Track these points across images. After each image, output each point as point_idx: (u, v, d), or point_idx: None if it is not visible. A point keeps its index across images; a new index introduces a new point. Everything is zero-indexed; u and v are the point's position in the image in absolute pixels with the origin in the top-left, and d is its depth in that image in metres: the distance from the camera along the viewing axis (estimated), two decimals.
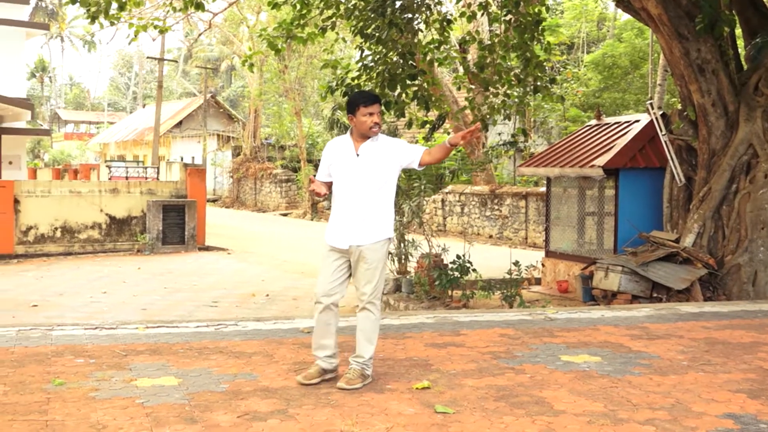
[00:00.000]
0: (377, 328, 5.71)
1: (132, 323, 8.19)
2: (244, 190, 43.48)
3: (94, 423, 4.71)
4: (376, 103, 5.72)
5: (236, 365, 6.16)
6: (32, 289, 15.32)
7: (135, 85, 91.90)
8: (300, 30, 13.20)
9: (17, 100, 27.73)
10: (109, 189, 21.48)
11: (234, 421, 4.76)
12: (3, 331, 7.46)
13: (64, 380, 5.64)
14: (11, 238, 19.53)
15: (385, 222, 5.70)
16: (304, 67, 35.37)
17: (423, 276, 12.32)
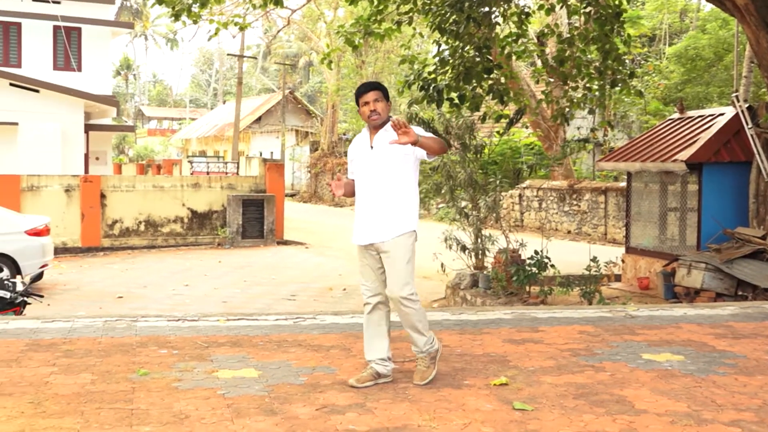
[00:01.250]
0: (423, 318, 5.50)
1: (213, 315, 8.34)
2: (322, 184, 43.82)
3: (176, 413, 4.81)
4: (370, 90, 5.54)
5: (315, 358, 6.21)
6: (118, 281, 15.73)
7: (215, 82, 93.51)
8: (377, 26, 13.22)
9: (103, 98, 28.50)
10: (190, 184, 21.91)
11: (312, 414, 4.80)
12: (90, 322, 7.68)
13: (149, 370, 5.77)
14: (98, 231, 20.10)
15: (405, 214, 5.46)
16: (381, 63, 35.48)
17: (500, 271, 12.22)
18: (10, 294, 8.41)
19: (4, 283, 8.60)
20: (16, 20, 28.45)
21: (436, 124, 13.71)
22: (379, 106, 5.47)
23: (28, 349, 6.44)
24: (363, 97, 5.51)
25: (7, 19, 28.30)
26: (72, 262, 18.31)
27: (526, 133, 29.87)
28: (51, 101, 26.13)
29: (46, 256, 14.63)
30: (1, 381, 5.45)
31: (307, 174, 46.23)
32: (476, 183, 12.99)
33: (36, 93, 26.03)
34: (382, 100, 5.50)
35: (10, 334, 7.04)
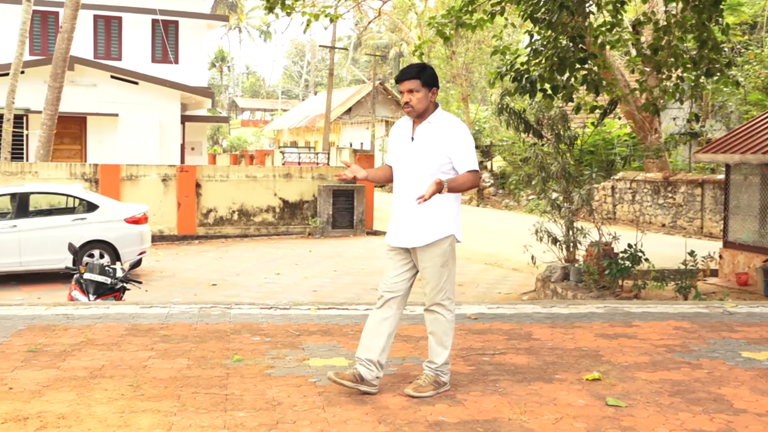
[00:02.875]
0: (450, 331, 5.09)
1: (304, 304, 8.44)
2: None
3: (269, 399, 4.89)
4: (405, 79, 5.00)
5: (404, 349, 6.22)
6: (212, 268, 16.07)
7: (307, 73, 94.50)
8: (468, 16, 13.12)
9: (199, 89, 29.14)
10: (282, 174, 22.20)
11: (402, 404, 4.81)
12: (186, 308, 7.87)
13: (242, 357, 5.88)
14: (194, 220, 20.57)
15: (443, 218, 5.01)
16: (472, 53, 35.23)
17: (592, 265, 12.01)
18: (111, 280, 8.68)
19: (105, 269, 8.87)
20: (116, 14, 29.31)
21: (528, 115, 13.54)
22: (413, 97, 4.98)
23: (128, 333, 6.64)
24: (399, 85, 5.06)
25: (109, 14, 29.17)
26: (168, 250, 18.79)
27: (619, 123, 29.28)
28: (149, 93, 26.85)
29: (144, 244, 15.06)
30: (103, 364, 5.64)
31: None
32: (569, 174, 12.78)
33: (135, 85, 26.78)
34: (420, 89, 4.97)
35: (111, 318, 7.27)
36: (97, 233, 14.50)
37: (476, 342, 6.49)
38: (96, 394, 4.92)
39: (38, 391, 4.99)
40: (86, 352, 5.99)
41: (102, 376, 5.33)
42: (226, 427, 4.37)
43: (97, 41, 29.25)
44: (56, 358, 5.77)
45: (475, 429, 4.40)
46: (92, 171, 19.73)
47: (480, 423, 4.50)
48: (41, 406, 4.69)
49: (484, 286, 14.01)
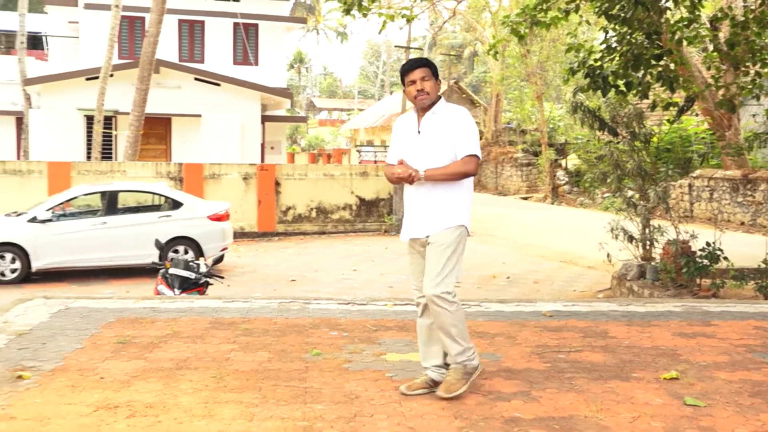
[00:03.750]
0: (457, 320, 4.79)
1: (381, 300, 8.46)
2: (485, 173, 43.58)
3: (347, 393, 4.92)
4: (417, 68, 4.89)
5: (480, 345, 6.18)
6: (291, 264, 16.24)
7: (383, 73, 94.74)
8: (543, 15, 12.94)
9: (279, 90, 29.48)
10: (359, 172, 22.29)
11: (478, 400, 4.79)
12: (266, 303, 7.97)
13: (320, 351, 5.93)
14: (273, 217, 20.83)
15: (453, 208, 4.86)
16: (547, 51, 34.78)
17: (669, 263, 11.74)
18: (195, 275, 8.84)
19: (189, 264, 9.04)
20: (200, 19, 29.86)
21: (602, 112, 13.31)
22: (427, 85, 4.85)
23: (211, 326, 6.76)
24: (409, 75, 4.90)
25: (192, 18, 29.74)
26: (249, 246, 19.06)
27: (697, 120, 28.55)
28: (231, 94, 27.28)
29: (226, 240, 15.32)
30: (188, 356, 5.75)
31: None
32: (645, 172, 12.51)
33: (217, 86, 27.24)
34: (431, 78, 4.87)
35: (195, 312, 7.41)
36: (182, 230, 14.81)
37: (551, 339, 6.42)
38: (181, 385, 5.03)
39: (127, 381, 5.12)
40: (172, 344, 6.12)
41: (187, 368, 5.43)
42: (305, 419, 4.41)
43: (182, 45, 29.85)
44: (144, 350, 5.91)
45: (551, 426, 4.35)
46: (177, 170, 20.15)
47: (556, 420, 4.45)
48: (130, 395, 4.81)
49: (559, 284, 13.84)
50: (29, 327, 6.67)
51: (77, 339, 6.25)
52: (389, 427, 4.31)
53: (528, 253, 17.85)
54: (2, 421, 4.34)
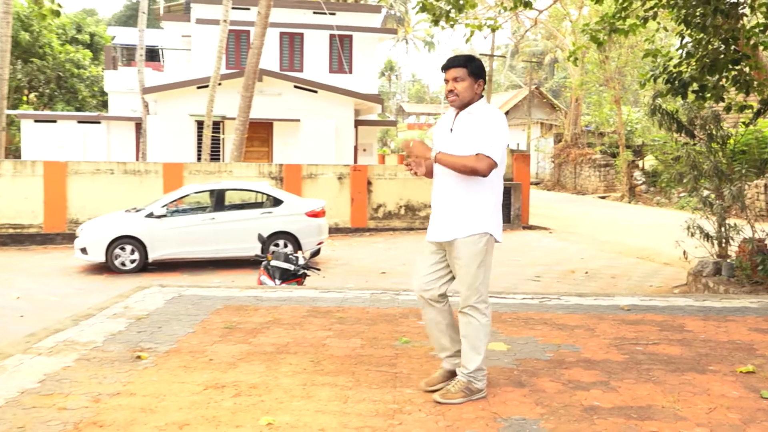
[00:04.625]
0: (483, 335, 4.46)
1: None
2: (565, 173, 42.88)
3: None
4: (451, 68, 4.46)
5: (560, 336, 6.09)
6: (381, 258, 16.30)
7: None
8: (621, 22, 12.64)
9: (371, 96, 29.61)
10: None
11: (558, 388, 4.71)
12: (359, 294, 8.01)
13: (409, 339, 5.93)
14: (365, 214, 20.95)
15: (479, 213, 4.40)
16: (625, 57, 33.98)
17: (745, 260, 11.31)
18: (294, 267, 8.96)
19: (289, 257, 9.17)
20: (299, 31, 30.23)
21: (680, 115, 12.93)
22: (459, 85, 4.42)
23: (309, 314, 6.84)
24: (445, 74, 4.50)
25: (292, 31, 30.13)
26: (342, 241, 19.22)
27: None
28: (327, 100, 27.54)
29: (322, 235, 15.48)
30: (288, 341, 5.83)
31: (551, 164, 45.41)
32: (721, 172, 12.09)
33: (315, 93, 27.53)
34: (466, 78, 4.42)
35: (294, 301, 7.51)
36: (282, 225, 15.03)
37: (629, 332, 6.27)
38: (282, 368, 5.10)
39: (233, 363, 5.22)
40: (273, 330, 6.21)
41: (287, 352, 5.51)
42: (395, 402, 4.42)
43: (282, 55, 30.29)
44: (248, 335, 6.02)
45: (629, 415, 4.24)
46: (278, 170, 20.46)
47: (634, 409, 4.34)
48: (236, 376, 4.91)
49: (636, 279, 13.50)
50: (147, 312, 6.88)
51: (189, 324, 6.42)
52: (474, 411, 4.28)
53: (605, 250, 17.47)
54: (124, 397, 4.48)
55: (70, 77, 33.60)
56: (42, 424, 4.02)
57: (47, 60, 32.94)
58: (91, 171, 19.14)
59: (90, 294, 11.73)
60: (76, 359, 5.26)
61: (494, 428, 4.02)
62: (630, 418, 4.19)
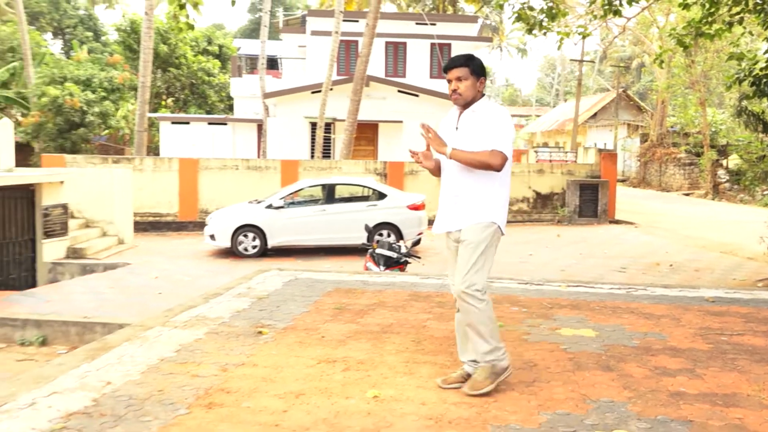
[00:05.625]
0: (486, 320, 4.11)
1: (555, 281, 8.25)
2: (650, 172, 41.43)
3: (527, 360, 4.82)
4: (453, 67, 4.19)
5: (646, 325, 5.89)
6: None
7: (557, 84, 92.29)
8: (708, 27, 12.09)
9: None
10: (535, 170, 21.85)
11: (645, 374, 4.55)
12: None
13: (503, 323, 5.85)
14: None
15: (485, 204, 4.13)
16: (710, 61, 32.51)
17: None
18: (397, 255, 8.99)
19: (392, 246, 9.21)
20: (402, 40, 30.28)
21: (765, 116, 12.28)
22: (461, 85, 4.17)
23: (410, 298, 6.85)
24: (447, 74, 4.24)
25: (396, 40, 30.21)
26: None
27: None
28: (427, 104, 27.49)
29: (422, 226, 15.47)
30: (391, 322, 5.85)
31: (637, 162, 43.94)
32: None
33: (416, 97, 27.53)
34: (468, 77, 4.17)
35: (397, 286, 7.53)
36: (386, 217, 15.11)
37: (714, 323, 6.00)
38: (386, 346, 5.12)
39: (343, 340, 5.28)
40: (378, 311, 6.25)
41: (391, 332, 5.53)
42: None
43: (387, 62, 30.41)
44: (356, 315, 6.08)
45: (714, 402, 4.06)
46: (382, 167, 20.57)
47: (719, 396, 4.15)
48: (345, 352, 4.96)
49: (719, 273, 12.92)
50: (267, 293, 7.04)
51: (304, 304, 6.53)
52: (564, 392, 4.19)
53: (689, 244, 16.78)
54: (248, 367, 4.60)
55: (202, 84, 34.72)
56: (178, 389, 4.17)
57: (182, 69, 34.12)
58: (219, 167, 19.74)
59: (217, 275, 12.10)
60: (206, 332, 5.43)
61: (584, 409, 3.92)
62: (715, 404, 4.01)
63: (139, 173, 19.10)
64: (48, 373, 4.43)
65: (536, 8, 12.45)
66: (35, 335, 7.27)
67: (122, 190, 16.13)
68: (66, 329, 7.28)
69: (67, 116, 27.87)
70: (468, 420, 3.76)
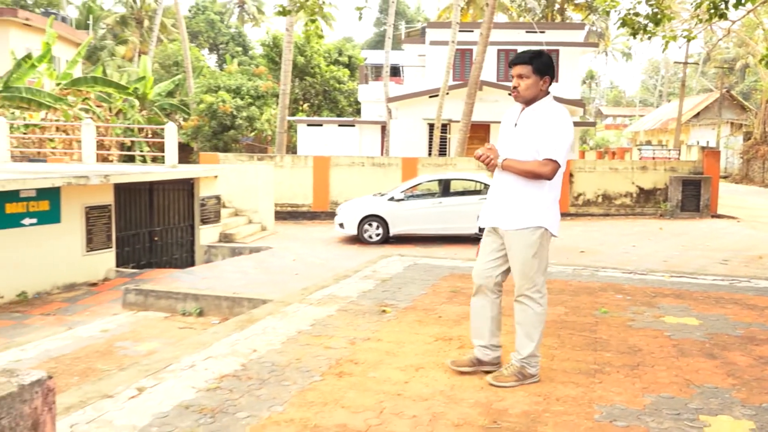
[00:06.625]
0: (538, 323, 3.84)
1: (658, 272, 7.87)
2: (753, 168, 38.73)
3: (631, 345, 4.62)
4: (516, 64, 3.79)
5: (750, 315, 5.50)
6: (580, 239, 15.65)
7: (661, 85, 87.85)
8: None
9: (573, 101, 28.46)
10: (639, 167, 20.89)
11: (749, 362, 4.26)
12: (562, 269, 7.74)
13: (608, 310, 5.64)
14: (566, 201, 20.25)
15: (535, 207, 3.76)
16: None
17: None
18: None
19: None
20: (513, 48, 29.66)
21: None
22: (522, 82, 3.76)
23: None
24: (511, 69, 3.85)
25: (508, 47, 29.65)
26: None
27: None
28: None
29: None
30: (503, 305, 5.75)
31: (740, 159, 41.19)
32: None
33: None
34: (530, 76, 3.75)
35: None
36: None
37: None
38: (509, 328, 5.03)
39: (457, 320, 5.24)
40: None
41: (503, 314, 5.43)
42: (596, 363, 4.22)
43: (499, 68, 29.90)
44: (469, 298, 6.00)
45: None
46: None
47: None
48: (460, 331, 4.93)
49: None
50: (389, 276, 7.10)
51: (422, 286, 6.54)
52: (668, 377, 3.98)
53: None
54: (373, 342, 4.66)
55: (333, 91, 35.44)
56: (313, 358, 4.27)
57: (317, 78, 34.95)
58: (347, 164, 20.09)
59: (346, 259, 12.32)
60: (336, 309, 5.54)
61: (688, 393, 3.71)
62: None
63: (279, 169, 19.74)
64: (205, 340, 4.65)
65: (642, 14, 11.87)
66: (194, 307, 7.67)
67: (265, 183, 16.75)
68: (219, 303, 7.63)
69: (220, 120, 29.20)
70: (575, 398, 3.64)
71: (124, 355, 5.95)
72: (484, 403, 3.57)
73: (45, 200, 10.17)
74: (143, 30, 48.47)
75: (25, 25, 30.97)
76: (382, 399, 3.61)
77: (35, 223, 10.01)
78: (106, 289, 10.09)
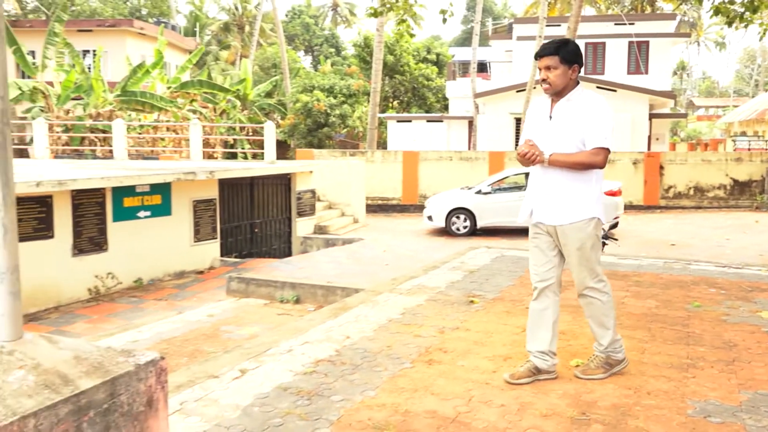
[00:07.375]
0: (608, 311, 3.63)
1: (755, 266, 7.40)
2: None
3: (726, 340, 4.38)
4: (543, 56, 3.53)
5: None
6: (670, 232, 14.99)
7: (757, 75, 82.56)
8: None
9: (664, 93, 27.23)
10: (733, 158, 19.73)
11: None
12: (653, 261, 7.43)
13: (700, 303, 5.36)
14: (657, 194, 19.41)
15: (583, 199, 3.54)
16: None
17: None
18: None
19: None
20: (601, 40, 28.67)
21: None
22: (551, 74, 3.52)
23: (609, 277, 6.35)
24: (537, 62, 3.59)
25: (595, 40, 28.67)
26: (635, 216, 17.99)
27: None
28: (624, 98, 25.84)
29: (618, 211, 14.60)
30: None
31: None
32: None
33: (614, 92, 25.96)
34: (558, 66, 3.51)
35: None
36: None
37: None
38: (584, 319, 4.88)
39: None
40: None
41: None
42: (688, 358, 4.02)
43: (587, 61, 28.95)
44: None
45: None
46: None
47: None
48: None
49: None
50: (477, 267, 7.02)
51: (510, 278, 6.43)
52: (766, 373, 3.74)
53: None
54: (461, 331, 4.62)
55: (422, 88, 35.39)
56: (403, 346, 4.29)
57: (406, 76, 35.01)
58: (436, 158, 20.02)
59: (434, 251, 12.30)
60: (426, 299, 5.53)
61: None
62: None
63: (370, 164, 19.92)
64: (302, 326, 4.76)
65: (737, 1, 11.16)
66: (291, 295, 7.86)
67: (357, 178, 16.94)
68: (314, 291, 7.79)
69: (314, 118, 29.77)
70: (667, 393, 3.48)
71: (228, 338, 6.18)
72: (572, 394, 3.47)
73: (157, 194, 10.70)
74: (244, 35, 50.03)
75: (140, 34, 32.59)
76: (471, 387, 3.57)
77: (149, 216, 10.55)
78: (212, 277, 10.51)
